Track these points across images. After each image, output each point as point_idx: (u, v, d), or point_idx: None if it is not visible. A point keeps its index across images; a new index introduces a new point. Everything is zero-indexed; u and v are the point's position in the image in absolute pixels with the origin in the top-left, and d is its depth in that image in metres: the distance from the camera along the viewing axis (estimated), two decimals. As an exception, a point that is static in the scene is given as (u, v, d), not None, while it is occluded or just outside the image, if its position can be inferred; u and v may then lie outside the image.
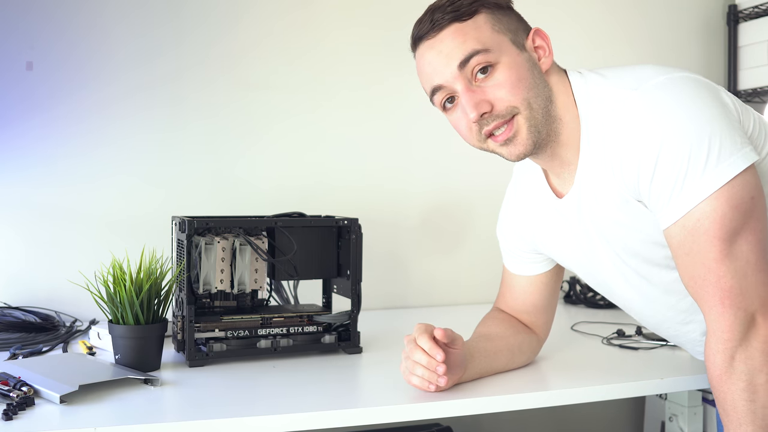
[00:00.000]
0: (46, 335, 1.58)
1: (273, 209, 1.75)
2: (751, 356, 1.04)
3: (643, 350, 1.52)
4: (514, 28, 1.15)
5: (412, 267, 2.08)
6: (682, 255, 1.08)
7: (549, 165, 1.23)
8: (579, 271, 1.32)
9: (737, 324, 1.04)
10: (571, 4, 2.23)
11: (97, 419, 1.05)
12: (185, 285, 1.36)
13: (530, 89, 1.12)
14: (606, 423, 2.22)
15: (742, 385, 1.04)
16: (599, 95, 1.14)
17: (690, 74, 1.11)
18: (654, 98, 1.07)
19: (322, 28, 2.00)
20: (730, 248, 1.04)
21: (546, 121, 1.14)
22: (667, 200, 1.06)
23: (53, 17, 1.78)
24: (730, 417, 1.06)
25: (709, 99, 1.07)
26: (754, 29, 2.28)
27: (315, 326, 1.47)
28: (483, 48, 1.11)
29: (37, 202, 1.78)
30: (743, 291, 1.04)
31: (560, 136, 1.16)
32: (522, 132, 1.13)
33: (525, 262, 1.38)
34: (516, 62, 1.13)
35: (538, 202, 1.30)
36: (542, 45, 1.17)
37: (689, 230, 1.06)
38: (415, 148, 2.08)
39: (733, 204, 1.03)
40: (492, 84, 1.12)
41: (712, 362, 1.07)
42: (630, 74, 1.13)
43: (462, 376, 1.23)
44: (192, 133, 1.89)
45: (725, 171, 1.03)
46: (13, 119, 1.76)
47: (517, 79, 1.12)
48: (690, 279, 1.09)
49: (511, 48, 1.13)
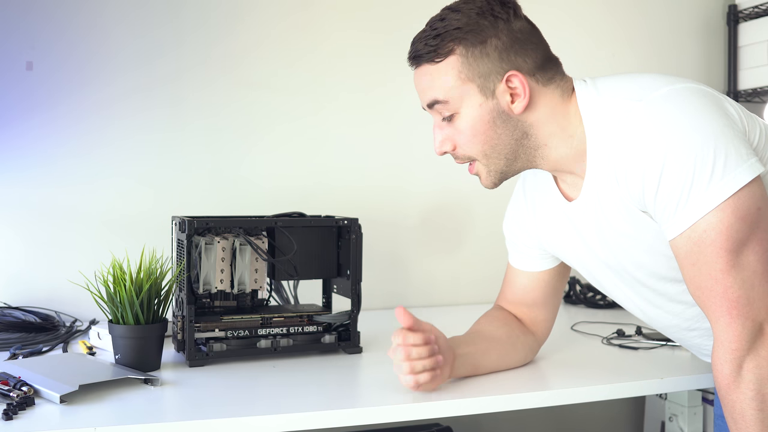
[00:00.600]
0: (46, 335, 1.58)
1: (273, 209, 1.75)
2: (760, 365, 1.04)
3: (643, 350, 1.52)
4: (486, 72, 1.13)
5: (412, 267, 2.08)
6: (688, 266, 1.08)
7: (555, 173, 1.24)
8: (584, 272, 1.33)
9: (745, 334, 1.04)
10: (571, 4, 2.23)
11: (97, 419, 1.05)
12: (185, 285, 1.36)
13: (487, 141, 1.16)
14: (606, 423, 2.22)
15: (750, 394, 1.04)
16: (604, 106, 1.13)
17: (694, 84, 1.11)
18: (658, 110, 1.07)
19: (323, 30, 2.00)
20: (737, 259, 1.04)
21: (513, 161, 1.19)
22: (673, 212, 1.06)
23: (53, 17, 1.78)
24: (738, 426, 1.06)
25: (713, 110, 1.07)
26: (754, 29, 2.28)
27: (315, 326, 1.47)
28: (444, 99, 1.16)
29: (37, 201, 1.78)
30: (750, 301, 1.04)
31: (548, 157, 1.19)
32: (482, 174, 1.21)
33: (529, 258, 1.38)
34: (476, 115, 1.15)
35: (546, 204, 1.30)
36: (517, 87, 1.14)
37: (695, 241, 1.06)
38: (415, 148, 2.08)
39: (739, 215, 1.03)
40: (453, 130, 1.18)
41: (720, 371, 1.07)
42: (634, 84, 1.13)
43: (450, 373, 1.23)
44: (192, 134, 1.89)
45: (731, 183, 1.03)
46: (13, 119, 1.76)
47: (473, 133, 1.16)
48: (697, 289, 1.09)
49: (475, 98, 1.15)
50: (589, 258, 1.27)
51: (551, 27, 1.35)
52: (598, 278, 1.30)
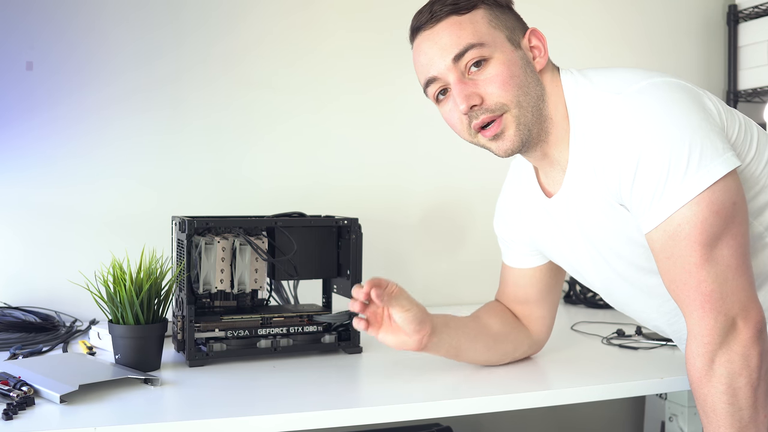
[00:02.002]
0: (46, 335, 1.58)
1: (273, 209, 1.75)
2: (731, 360, 1.04)
3: (643, 350, 1.52)
4: (511, 26, 1.17)
5: (412, 267, 2.08)
6: (663, 259, 1.08)
7: (540, 163, 1.24)
8: (568, 268, 1.33)
9: (717, 328, 1.04)
10: (569, 4, 2.24)
11: (97, 419, 1.05)
12: (185, 285, 1.36)
13: (521, 87, 1.14)
14: (606, 423, 2.22)
15: (722, 388, 1.04)
16: (586, 97, 1.14)
17: (673, 79, 1.11)
18: (635, 103, 1.08)
19: (323, 29, 2.00)
20: (711, 253, 1.04)
21: (536, 120, 1.16)
22: (648, 205, 1.07)
23: (53, 18, 1.78)
24: (710, 419, 1.06)
25: (690, 104, 1.07)
26: (754, 29, 2.28)
27: (315, 326, 1.47)
28: (478, 42, 1.13)
29: (37, 202, 1.78)
30: (723, 295, 1.04)
31: (550, 135, 1.18)
32: (510, 129, 1.15)
33: (520, 255, 1.38)
34: (509, 59, 1.14)
35: (529, 200, 1.31)
36: (538, 45, 1.18)
37: (670, 235, 1.06)
38: (414, 147, 2.08)
39: (714, 209, 1.03)
40: (484, 78, 1.13)
41: (693, 365, 1.07)
42: (615, 77, 1.14)
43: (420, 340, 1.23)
44: (192, 134, 1.89)
45: (706, 176, 1.03)
46: (13, 119, 1.76)
47: (509, 76, 1.13)
48: (671, 283, 1.09)
49: (506, 45, 1.15)
50: (571, 253, 1.27)
51: (549, 27, 1.35)
52: (582, 273, 1.31)
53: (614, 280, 1.25)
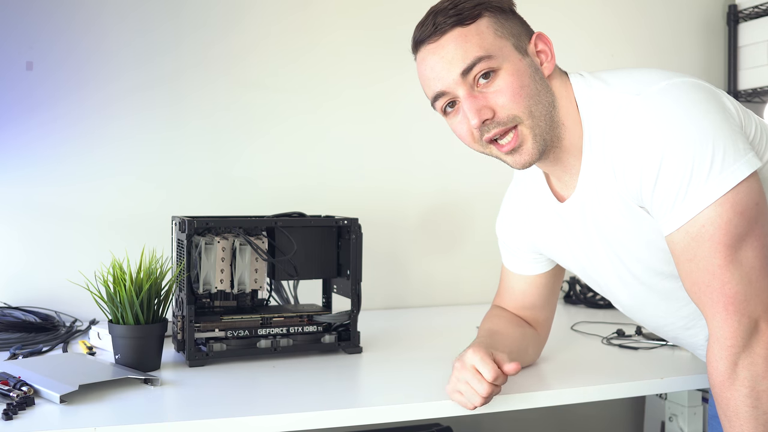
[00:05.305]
0: (46, 335, 1.58)
1: (273, 209, 1.75)
2: (755, 362, 1.03)
3: (643, 350, 1.52)
4: (516, 33, 1.14)
5: (411, 267, 2.08)
6: (685, 261, 1.07)
7: (551, 169, 1.22)
8: (580, 273, 1.32)
9: (741, 330, 1.03)
10: (571, 4, 2.24)
11: (97, 419, 1.05)
12: (185, 285, 1.36)
13: (532, 97, 1.11)
14: (606, 423, 2.22)
15: (745, 392, 1.03)
16: (601, 100, 1.13)
17: (692, 79, 1.10)
18: (656, 104, 1.06)
19: (322, 29, 2.00)
20: (735, 254, 1.03)
21: (549, 128, 1.13)
22: (671, 207, 1.06)
23: (53, 17, 1.78)
24: (732, 423, 1.05)
25: (711, 105, 1.06)
26: (754, 29, 2.28)
27: (315, 326, 1.47)
28: (486, 54, 1.10)
29: (37, 201, 1.78)
30: (747, 297, 1.03)
31: (563, 141, 1.16)
32: (527, 142, 1.12)
33: (524, 262, 1.38)
34: (518, 68, 1.11)
35: (539, 206, 1.29)
36: (544, 49, 1.15)
37: (693, 236, 1.05)
38: (415, 148, 2.08)
39: (738, 210, 1.02)
40: (494, 90, 1.11)
41: (715, 368, 1.06)
42: (632, 78, 1.12)
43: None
44: (192, 133, 1.89)
45: (730, 177, 1.02)
46: (13, 119, 1.76)
47: (519, 86, 1.10)
48: (693, 285, 1.08)
49: (513, 54, 1.12)
50: (584, 258, 1.27)
51: (551, 27, 1.35)
52: (594, 278, 1.30)
53: (631, 284, 1.24)
